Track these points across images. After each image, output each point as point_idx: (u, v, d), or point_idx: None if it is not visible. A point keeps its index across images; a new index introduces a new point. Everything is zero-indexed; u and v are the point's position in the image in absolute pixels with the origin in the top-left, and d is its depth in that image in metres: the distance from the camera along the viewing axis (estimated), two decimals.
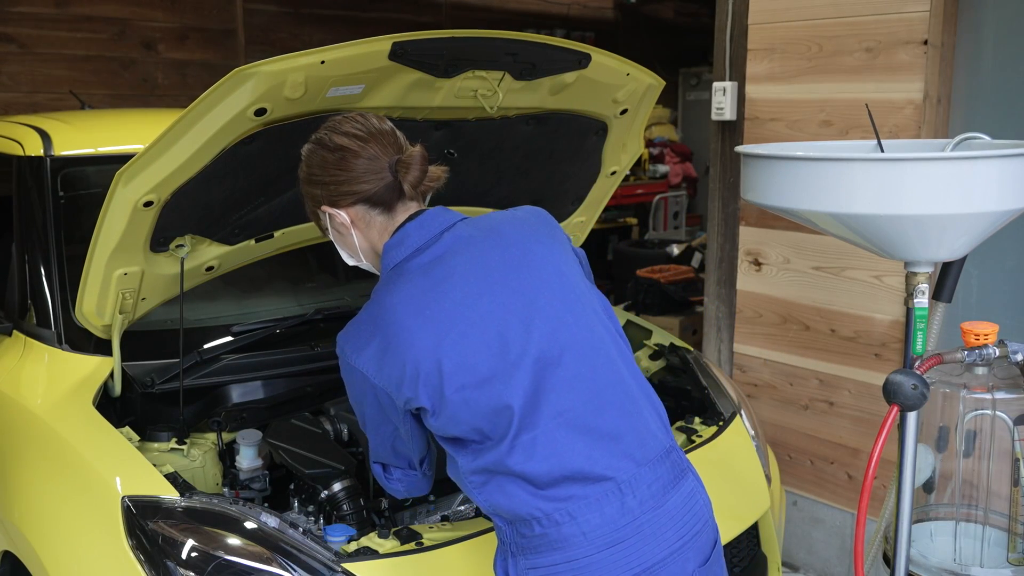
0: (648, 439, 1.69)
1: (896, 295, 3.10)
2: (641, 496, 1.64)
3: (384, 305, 1.68)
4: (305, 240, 2.57)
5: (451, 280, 1.68)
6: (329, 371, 2.58)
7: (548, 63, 2.25)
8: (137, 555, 1.86)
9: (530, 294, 1.69)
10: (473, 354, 1.63)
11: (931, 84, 2.97)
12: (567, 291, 1.73)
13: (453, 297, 1.66)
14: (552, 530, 1.61)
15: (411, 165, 1.72)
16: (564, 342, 1.67)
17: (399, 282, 1.69)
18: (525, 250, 1.73)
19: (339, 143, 1.73)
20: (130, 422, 2.33)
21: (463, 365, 1.62)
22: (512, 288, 1.68)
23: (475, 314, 1.65)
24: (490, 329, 1.65)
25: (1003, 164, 1.79)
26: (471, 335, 1.64)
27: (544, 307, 1.68)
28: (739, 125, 3.53)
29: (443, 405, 1.63)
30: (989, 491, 2.26)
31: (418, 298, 1.66)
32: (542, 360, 1.64)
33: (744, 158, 2.07)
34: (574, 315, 1.71)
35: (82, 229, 2.52)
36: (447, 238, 1.73)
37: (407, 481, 1.87)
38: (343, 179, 1.73)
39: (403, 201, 1.76)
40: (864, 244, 1.96)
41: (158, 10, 6.66)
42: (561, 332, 1.67)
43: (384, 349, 1.66)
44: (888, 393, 1.92)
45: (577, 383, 1.66)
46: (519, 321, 1.66)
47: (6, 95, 5.99)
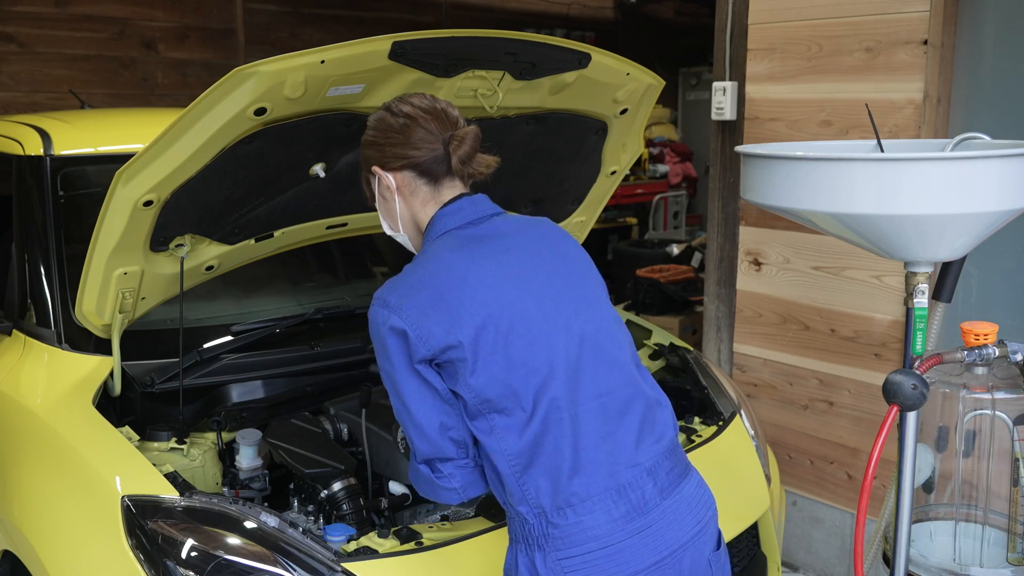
0: (663, 431, 1.79)
1: (896, 295, 3.10)
2: (662, 483, 1.73)
3: (442, 259, 1.74)
4: (305, 240, 2.57)
5: (509, 252, 1.78)
6: (329, 371, 2.58)
7: (548, 63, 2.25)
8: (137, 554, 1.86)
9: (574, 282, 1.82)
10: (529, 316, 1.71)
11: (931, 84, 2.97)
12: (594, 290, 1.85)
13: (511, 266, 1.75)
14: (586, 517, 1.65)
15: (464, 140, 1.78)
16: (602, 329, 1.78)
17: (454, 243, 1.77)
18: (565, 247, 1.87)
19: (405, 111, 1.80)
20: (130, 421, 2.33)
21: (521, 320, 1.70)
22: (561, 273, 1.81)
23: (532, 284, 1.75)
24: (546, 298, 1.75)
25: (1003, 164, 1.79)
26: (527, 299, 1.73)
27: (582, 298, 1.80)
28: (739, 125, 3.53)
29: (491, 357, 1.67)
30: (989, 491, 2.26)
31: (478, 260, 1.74)
32: (587, 341, 1.74)
33: (744, 158, 2.07)
34: (599, 311, 1.82)
35: (82, 229, 2.52)
36: (497, 220, 1.83)
37: (462, 476, 1.77)
38: (397, 142, 1.79)
39: (450, 177, 1.81)
40: (864, 244, 1.96)
41: (158, 10, 6.66)
42: (598, 320, 1.79)
43: (438, 298, 1.69)
44: (888, 393, 1.92)
45: (614, 370, 1.76)
46: (569, 301, 1.77)
47: (6, 94, 5.99)
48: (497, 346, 1.68)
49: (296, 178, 2.27)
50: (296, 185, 2.29)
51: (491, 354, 1.67)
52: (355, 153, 2.29)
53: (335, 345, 2.62)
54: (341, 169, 2.31)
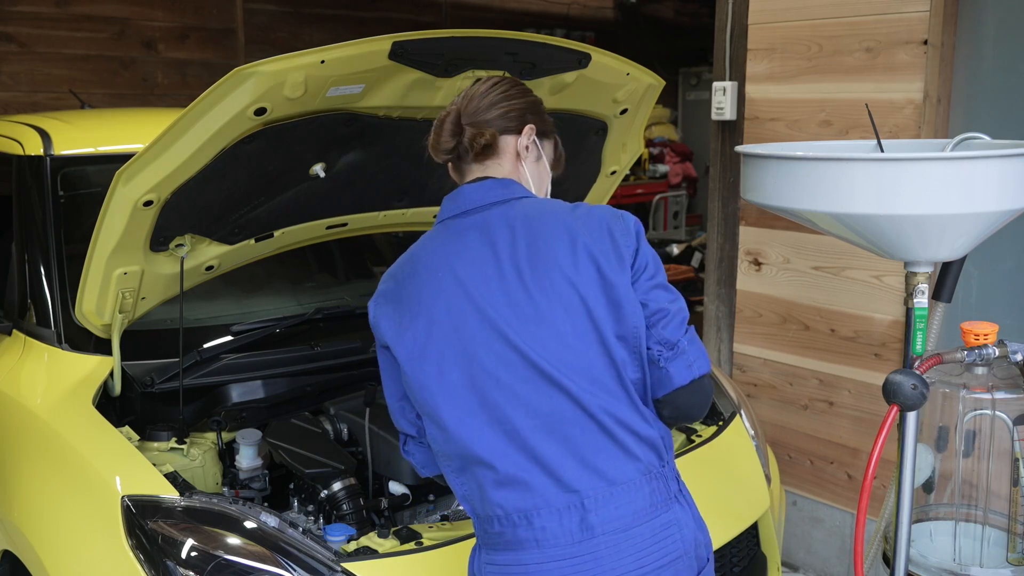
0: (626, 461, 1.63)
1: (896, 295, 3.10)
2: (606, 516, 1.59)
3: (415, 248, 1.75)
4: (305, 240, 2.57)
5: (474, 251, 1.69)
6: (329, 371, 2.58)
7: (548, 63, 2.25)
8: (137, 554, 1.86)
9: (537, 292, 1.65)
10: (466, 327, 1.64)
11: (931, 84, 2.97)
12: (562, 301, 1.65)
13: (469, 266, 1.68)
14: (509, 530, 1.61)
15: (435, 132, 1.76)
16: (549, 347, 1.62)
17: (434, 234, 1.75)
18: (554, 248, 1.67)
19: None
20: (130, 421, 2.33)
21: (456, 330, 1.65)
22: (523, 281, 1.66)
23: (482, 289, 1.66)
24: (490, 307, 1.65)
25: (1003, 164, 1.79)
26: (469, 307, 1.65)
27: (540, 310, 1.64)
28: (739, 125, 3.53)
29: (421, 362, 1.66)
30: (989, 491, 2.26)
31: (440, 258, 1.70)
32: (525, 358, 1.62)
33: (744, 158, 2.07)
34: (572, 325, 1.64)
35: (82, 229, 2.52)
36: (494, 211, 1.72)
37: (420, 454, 1.80)
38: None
39: (464, 163, 1.77)
40: (864, 244, 1.96)
41: (158, 9, 6.66)
42: (548, 338, 1.63)
43: (393, 291, 1.73)
44: (888, 393, 1.92)
45: (559, 391, 1.61)
46: (517, 313, 1.64)
47: (6, 94, 5.99)
48: (428, 353, 1.64)
49: (296, 178, 2.27)
50: (296, 185, 2.29)
51: (421, 359, 1.65)
52: (355, 153, 2.29)
53: (335, 345, 2.62)
54: (341, 169, 2.31)
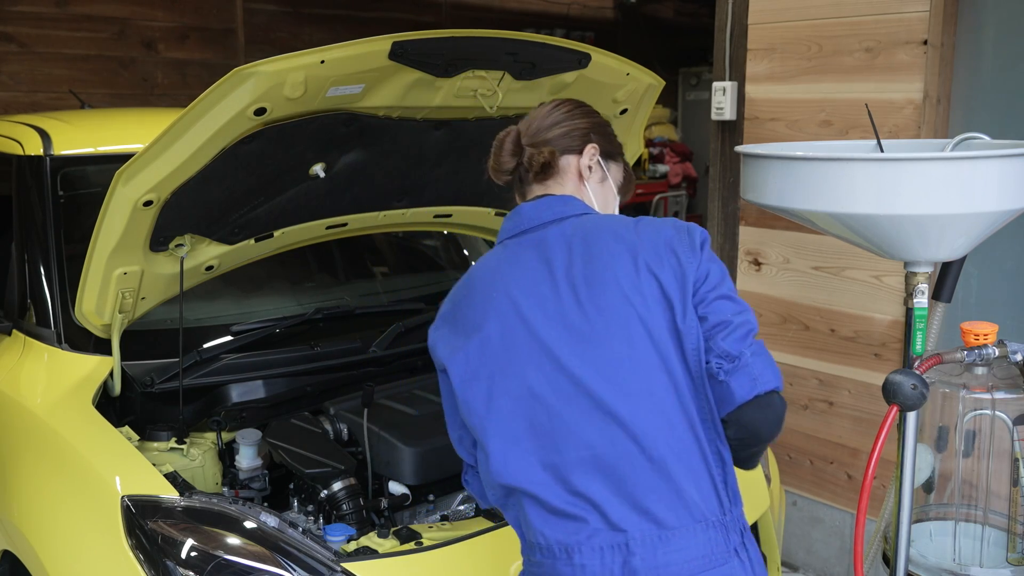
0: (680, 504, 1.52)
1: (896, 295, 3.10)
2: (652, 562, 1.49)
3: (470, 271, 1.73)
4: (305, 240, 2.57)
5: (530, 270, 1.63)
6: (329, 371, 2.58)
7: (548, 63, 2.25)
8: (136, 554, 1.86)
9: (592, 312, 1.57)
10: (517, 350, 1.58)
11: (931, 84, 2.97)
12: (616, 321, 1.56)
13: (524, 286, 1.62)
14: (549, 562, 1.54)
15: (495, 155, 1.75)
16: (604, 371, 1.53)
17: (494, 253, 1.72)
18: (604, 267, 1.59)
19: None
20: (130, 421, 2.33)
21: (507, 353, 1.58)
22: (579, 300, 1.58)
23: (535, 310, 1.59)
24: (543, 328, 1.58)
25: (1003, 164, 1.79)
26: (521, 327, 1.59)
27: (594, 331, 1.56)
28: (739, 125, 3.53)
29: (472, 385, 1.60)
30: (988, 491, 2.25)
31: (495, 278, 1.66)
32: (577, 383, 1.53)
33: (744, 158, 2.07)
34: (629, 346, 1.54)
35: (82, 229, 2.52)
36: (552, 229, 1.67)
37: (476, 484, 1.73)
38: None
39: (523, 184, 1.76)
40: (864, 244, 1.96)
41: (158, 9, 6.66)
42: (604, 361, 1.54)
43: (449, 311, 1.69)
44: (888, 393, 1.92)
45: (611, 422, 1.52)
46: (569, 336, 1.56)
47: (6, 94, 5.99)
48: (479, 375, 1.59)
49: (296, 178, 2.27)
50: (296, 185, 2.29)
51: (473, 381, 1.60)
52: (355, 153, 2.29)
53: (335, 345, 2.62)
54: (341, 169, 2.31)
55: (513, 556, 1.99)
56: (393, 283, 3.28)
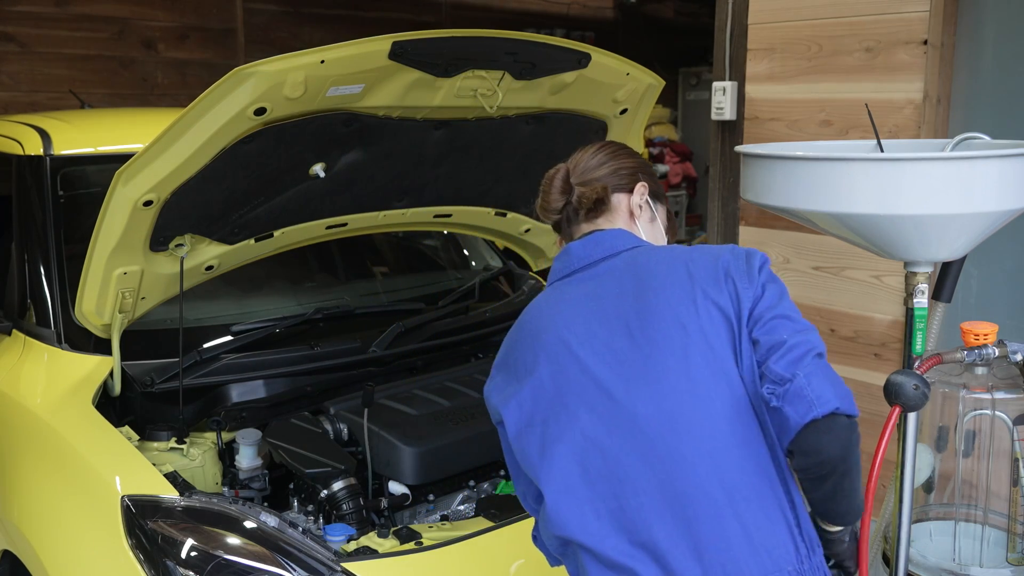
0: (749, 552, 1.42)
1: (896, 295, 3.10)
2: None
3: (522, 318, 1.66)
4: (305, 240, 2.57)
5: (577, 308, 1.58)
6: (329, 371, 2.58)
7: (548, 63, 2.25)
8: (136, 554, 1.86)
9: (646, 347, 1.49)
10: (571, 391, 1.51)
11: (931, 84, 2.97)
12: (674, 353, 1.48)
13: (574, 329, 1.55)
14: None
15: (544, 194, 1.72)
16: (664, 407, 1.46)
17: (545, 295, 1.67)
18: (656, 299, 1.53)
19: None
20: (130, 421, 2.33)
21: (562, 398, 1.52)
22: (632, 334, 1.51)
23: (589, 348, 1.53)
24: (601, 366, 1.51)
25: (1003, 164, 1.79)
26: (574, 367, 1.52)
27: (652, 366, 1.48)
28: (739, 125, 3.53)
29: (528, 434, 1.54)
30: (988, 491, 2.25)
31: (545, 318, 1.61)
32: (634, 423, 1.46)
33: (744, 158, 2.07)
34: (689, 380, 1.47)
35: (82, 228, 2.52)
36: (603, 266, 1.62)
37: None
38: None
39: (567, 225, 1.72)
40: (864, 244, 1.96)
41: (158, 9, 6.66)
42: (663, 398, 1.46)
43: (503, 358, 1.65)
44: (890, 394, 1.91)
45: (673, 463, 1.43)
46: (627, 372, 1.49)
47: (6, 94, 5.98)
48: (533, 422, 1.53)
49: (296, 178, 2.27)
50: (296, 185, 2.29)
51: (527, 429, 1.54)
52: (355, 153, 2.29)
53: (335, 345, 2.62)
54: (341, 169, 2.31)
55: (513, 556, 1.99)
56: (393, 283, 3.28)
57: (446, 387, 2.55)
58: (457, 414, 2.40)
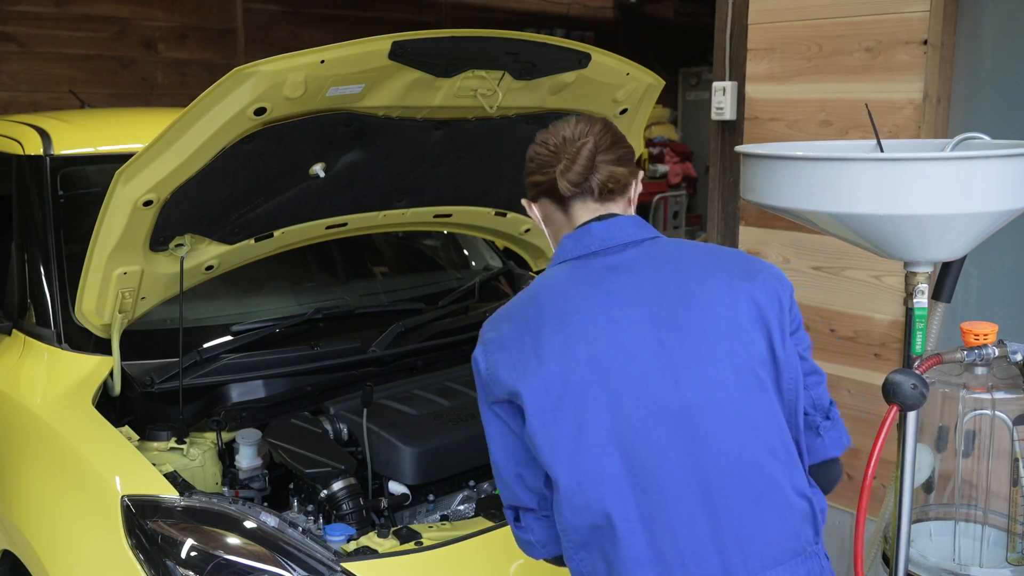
0: (783, 536, 1.49)
1: (896, 295, 3.10)
2: None
3: (538, 295, 1.57)
4: (305, 240, 2.57)
5: (617, 294, 1.54)
6: (329, 371, 2.58)
7: (548, 63, 2.25)
8: (136, 554, 1.86)
9: (691, 337, 1.50)
10: (613, 378, 1.48)
11: (931, 84, 2.97)
12: (718, 344, 1.51)
13: (613, 310, 1.52)
14: None
15: (575, 159, 1.56)
16: (701, 404, 1.47)
17: (561, 276, 1.59)
18: (699, 286, 1.54)
19: (540, 135, 1.65)
20: (129, 421, 2.33)
21: (601, 382, 1.48)
22: (678, 325, 1.51)
23: (631, 335, 1.50)
24: (645, 356, 1.49)
25: (1003, 164, 1.79)
26: (617, 355, 1.49)
27: (701, 356, 1.50)
28: (739, 125, 3.53)
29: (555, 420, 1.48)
30: (988, 491, 2.25)
31: (575, 298, 1.54)
32: (686, 416, 1.46)
33: (744, 158, 2.07)
34: (724, 372, 1.49)
35: (82, 228, 2.52)
36: (631, 252, 1.58)
37: (541, 530, 1.59)
38: (529, 169, 1.65)
39: (581, 199, 1.60)
40: (864, 244, 1.96)
41: (158, 9, 6.66)
42: (709, 389, 1.48)
43: (516, 334, 1.54)
44: (887, 393, 1.92)
45: (704, 456, 1.46)
46: (674, 362, 1.49)
47: (6, 94, 5.99)
48: (565, 404, 1.47)
49: (296, 178, 2.27)
50: (296, 185, 2.29)
51: (555, 411, 1.48)
52: (355, 153, 2.29)
53: (335, 345, 2.62)
54: (341, 169, 2.31)
55: (513, 556, 1.99)
56: (393, 283, 3.28)
57: (446, 387, 2.55)
58: (457, 414, 2.40)
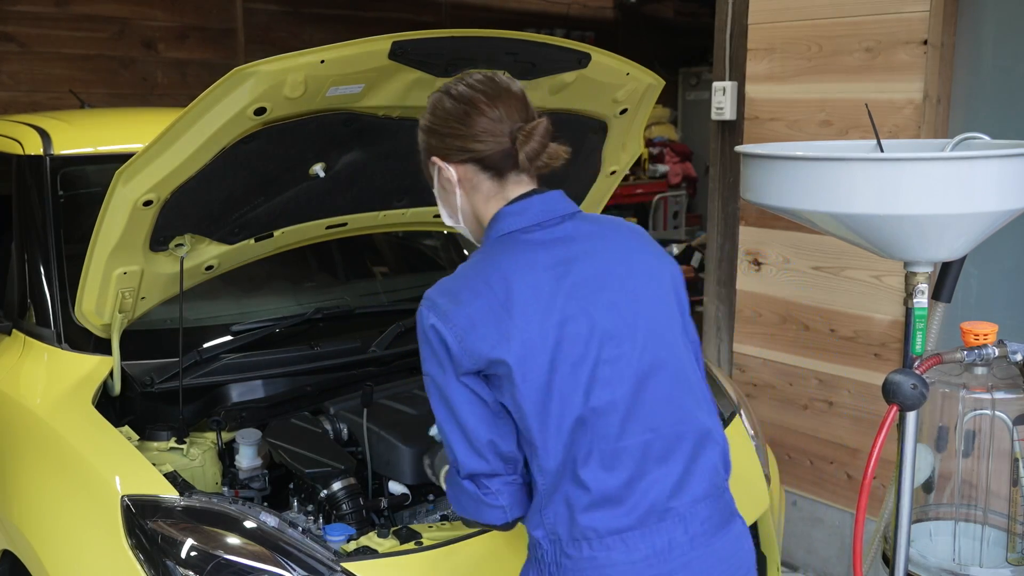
0: (711, 476, 1.65)
1: (896, 295, 3.10)
2: (693, 532, 1.60)
3: (501, 267, 1.61)
4: (305, 240, 2.57)
5: (574, 263, 1.63)
6: (329, 371, 2.58)
7: (548, 62, 2.25)
8: (136, 554, 1.86)
9: (641, 302, 1.65)
10: (584, 340, 1.58)
11: (931, 84, 2.97)
12: (666, 309, 1.69)
13: (573, 279, 1.61)
14: (602, 554, 1.56)
15: (532, 135, 1.63)
16: (662, 358, 1.64)
17: (516, 249, 1.63)
18: (639, 259, 1.70)
19: (465, 94, 1.64)
20: (129, 421, 2.33)
21: (573, 343, 1.57)
22: (629, 291, 1.65)
23: (588, 304, 1.60)
24: (607, 320, 1.60)
25: (1003, 164, 1.79)
26: (583, 319, 1.59)
27: (649, 319, 1.65)
28: (739, 125, 3.53)
29: (536, 380, 1.56)
30: (988, 491, 2.25)
31: (538, 270, 1.61)
32: (647, 372, 1.61)
33: (744, 158, 2.07)
34: (671, 334, 1.68)
35: (82, 228, 2.52)
36: (568, 224, 1.68)
37: (509, 493, 1.65)
38: (460, 133, 1.64)
39: (516, 172, 1.67)
40: (864, 244, 1.96)
41: (158, 9, 6.66)
42: (660, 348, 1.64)
43: (488, 309, 1.57)
44: (887, 393, 1.92)
45: (667, 404, 1.62)
46: (634, 324, 1.62)
47: (6, 94, 5.99)
48: (543, 368, 1.56)
49: (296, 178, 2.27)
50: (296, 185, 2.29)
51: (537, 376, 1.56)
52: (355, 153, 2.29)
53: (335, 345, 2.62)
54: (341, 169, 2.31)
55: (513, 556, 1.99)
56: (393, 283, 3.28)
57: None
58: None
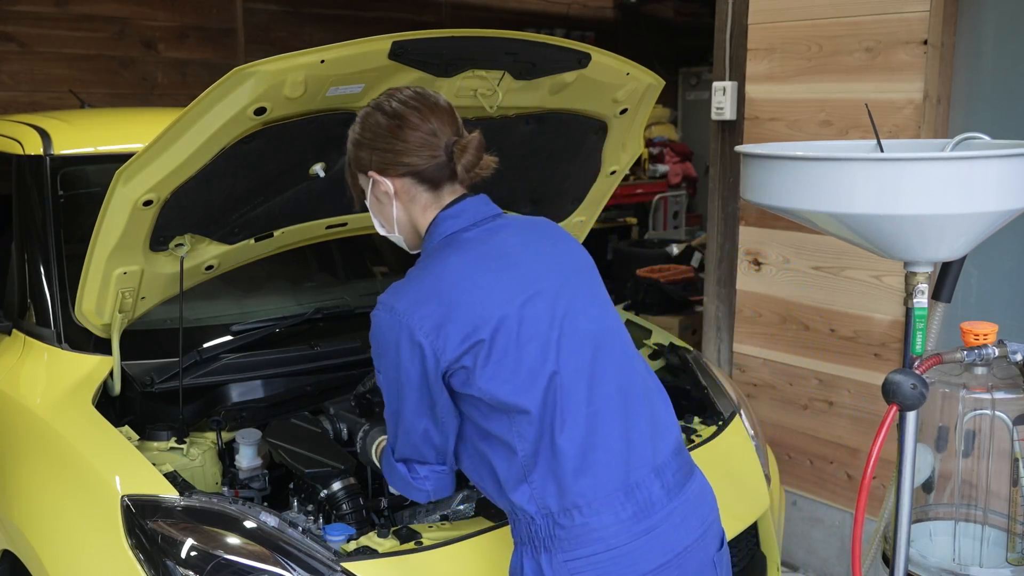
0: (668, 430, 1.81)
1: (896, 295, 3.10)
2: (668, 484, 1.73)
3: (447, 265, 1.71)
4: (305, 240, 2.57)
5: (513, 255, 1.76)
6: (329, 370, 2.58)
7: (548, 62, 2.25)
8: (136, 554, 1.86)
9: (580, 282, 1.81)
10: (540, 319, 1.70)
11: (931, 84, 2.97)
12: (598, 289, 1.85)
13: (517, 268, 1.74)
14: (593, 518, 1.65)
15: (467, 149, 1.73)
16: (608, 326, 1.79)
17: (461, 247, 1.74)
18: (566, 246, 1.87)
19: (398, 110, 1.72)
20: (129, 421, 2.32)
21: (532, 323, 1.69)
22: (565, 273, 1.79)
23: (539, 286, 1.73)
24: (555, 299, 1.73)
25: (1003, 164, 1.79)
26: (537, 302, 1.71)
27: (588, 295, 1.81)
28: (739, 125, 3.53)
29: (502, 361, 1.66)
30: (988, 491, 2.25)
31: (486, 264, 1.72)
32: (600, 339, 1.75)
33: (744, 158, 2.07)
34: (607, 309, 1.83)
35: (82, 228, 2.52)
36: (499, 221, 1.81)
37: (435, 479, 1.81)
38: (398, 149, 1.72)
39: (451, 183, 1.78)
40: (864, 244, 1.96)
41: (158, 9, 6.66)
42: (605, 318, 1.80)
43: (448, 308, 1.66)
44: (887, 392, 1.92)
45: (628, 366, 1.78)
46: (577, 300, 1.76)
47: (6, 94, 5.99)
48: (508, 350, 1.66)
49: (296, 178, 2.27)
50: (296, 185, 2.29)
51: (503, 358, 1.66)
52: None
53: (335, 345, 2.62)
54: (341, 169, 2.30)
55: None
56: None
57: None
58: None
